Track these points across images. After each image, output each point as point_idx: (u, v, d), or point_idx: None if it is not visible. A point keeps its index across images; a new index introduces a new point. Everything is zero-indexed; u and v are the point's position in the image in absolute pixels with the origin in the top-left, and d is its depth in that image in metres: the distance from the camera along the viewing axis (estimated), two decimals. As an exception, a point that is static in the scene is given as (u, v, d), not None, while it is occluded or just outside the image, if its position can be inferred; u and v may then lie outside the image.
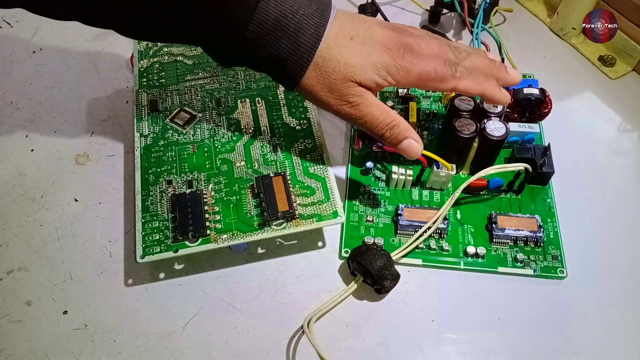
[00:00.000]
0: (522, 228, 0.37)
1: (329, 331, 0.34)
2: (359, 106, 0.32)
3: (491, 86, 0.33)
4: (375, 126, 0.32)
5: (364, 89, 0.31)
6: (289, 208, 0.34)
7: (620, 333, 0.35)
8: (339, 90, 0.31)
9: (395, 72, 0.31)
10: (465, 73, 0.32)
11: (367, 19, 0.32)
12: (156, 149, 0.37)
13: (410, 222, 0.37)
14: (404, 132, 0.33)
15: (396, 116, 0.32)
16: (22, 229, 0.38)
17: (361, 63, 0.31)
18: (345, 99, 0.31)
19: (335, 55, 0.30)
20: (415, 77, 0.32)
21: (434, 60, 0.32)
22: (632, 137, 0.44)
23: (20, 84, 0.46)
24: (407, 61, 0.31)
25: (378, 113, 0.32)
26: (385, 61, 0.31)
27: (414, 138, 0.33)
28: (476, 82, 0.33)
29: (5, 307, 0.35)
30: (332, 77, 0.31)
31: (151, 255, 0.33)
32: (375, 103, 0.32)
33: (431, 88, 0.33)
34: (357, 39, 0.31)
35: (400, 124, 0.32)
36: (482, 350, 0.34)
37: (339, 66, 0.30)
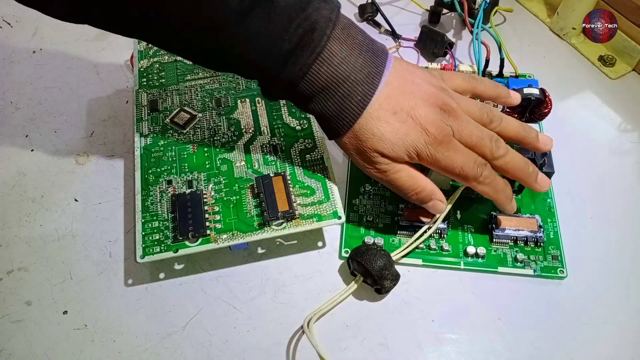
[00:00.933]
0: (522, 228, 0.37)
1: (329, 331, 0.34)
2: (386, 172, 0.33)
3: (503, 196, 0.35)
4: (402, 190, 0.34)
5: (393, 161, 0.33)
6: (289, 208, 0.34)
7: (620, 333, 0.35)
8: (368, 157, 0.33)
9: (424, 156, 0.32)
10: (488, 179, 0.33)
11: (416, 89, 0.33)
12: (156, 149, 0.37)
13: (411, 222, 0.37)
14: (429, 196, 0.34)
15: (422, 181, 0.34)
16: (22, 229, 0.38)
17: (394, 142, 0.32)
18: (373, 166, 0.33)
19: (372, 127, 0.32)
20: (441, 168, 0.33)
21: (465, 157, 0.33)
22: (632, 137, 0.44)
23: (20, 84, 0.46)
24: (439, 152, 0.32)
25: (405, 179, 0.33)
26: (418, 145, 0.32)
27: (439, 199, 0.34)
28: (493, 191, 0.34)
29: (5, 307, 0.35)
30: (365, 145, 0.32)
31: (151, 255, 0.33)
32: (402, 169, 0.33)
33: (454, 179, 0.34)
34: (399, 115, 0.32)
35: (425, 188, 0.34)
36: (482, 350, 0.34)
37: (373, 138, 0.32)
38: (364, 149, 0.32)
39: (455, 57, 0.47)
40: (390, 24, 0.50)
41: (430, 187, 0.34)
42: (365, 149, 0.32)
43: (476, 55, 0.45)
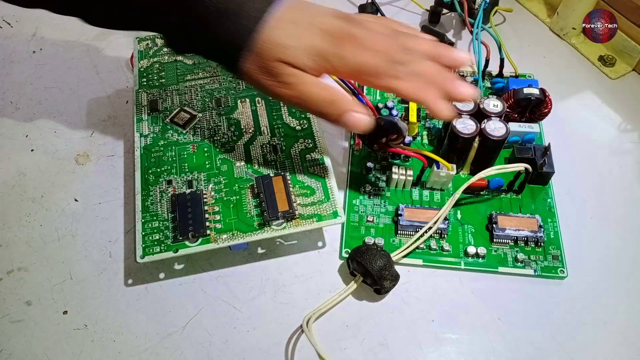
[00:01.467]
0: (522, 228, 0.37)
1: (329, 331, 0.34)
2: (293, 85, 0.31)
3: (432, 96, 0.31)
4: (313, 103, 0.31)
5: (300, 71, 0.30)
6: (289, 208, 0.34)
7: (620, 333, 0.35)
8: (273, 71, 0.30)
9: (331, 58, 0.30)
10: (408, 75, 0.31)
11: (319, 8, 0.32)
12: (156, 149, 0.37)
13: (411, 222, 0.37)
14: (344, 106, 0.31)
15: (337, 91, 0.31)
16: (22, 229, 0.38)
17: (295, 46, 0.30)
18: (279, 79, 0.30)
19: (272, 38, 0.30)
20: (351, 68, 0.31)
21: (377, 54, 0.31)
22: (632, 137, 0.44)
23: (20, 84, 0.46)
24: (346, 50, 0.30)
25: (315, 90, 0.31)
26: (322, 47, 0.30)
27: (357, 110, 0.31)
28: (417, 87, 0.31)
29: (5, 307, 0.35)
30: (267, 58, 0.30)
31: (151, 255, 0.33)
32: (311, 81, 0.31)
33: (368, 83, 0.32)
34: (299, 23, 0.30)
35: (341, 98, 0.31)
36: (482, 350, 0.34)
37: (273, 48, 0.30)
38: (267, 63, 0.30)
39: (455, 57, 0.47)
40: (390, 24, 0.50)
41: (348, 98, 0.31)
42: (269, 62, 0.30)
43: (476, 55, 0.45)
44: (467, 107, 0.38)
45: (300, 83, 0.31)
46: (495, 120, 0.38)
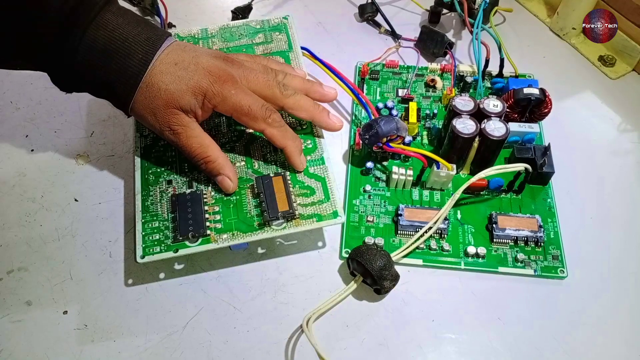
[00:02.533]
0: (522, 228, 0.37)
1: (329, 331, 0.34)
2: (179, 135, 0.33)
3: (294, 146, 0.35)
4: (192, 157, 0.34)
5: (188, 119, 0.33)
6: (289, 208, 0.34)
7: (620, 333, 0.35)
8: (162, 117, 0.33)
9: (212, 96, 0.33)
10: (277, 122, 0.34)
11: (199, 49, 0.34)
12: (156, 149, 0.37)
13: (411, 222, 0.37)
14: (217, 169, 0.34)
15: (214, 152, 0.34)
16: (22, 229, 0.38)
17: (180, 89, 0.32)
18: (167, 126, 0.33)
19: (157, 82, 0.32)
20: (230, 107, 0.33)
21: (253, 97, 0.34)
22: (632, 137, 0.44)
23: (20, 84, 0.46)
24: (225, 89, 0.33)
25: (196, 146, 0.34)
26: (203, 85, 0.32)
27: (228, 175, 0.34)
28: (282, 137, 0.35)
29: (5, 307, 0.35)
30: (156, 103, 0.32)
31: (151, 255, 0.33)
32: (195, 135, 0.33)
33: (244, 123, 0.34)
34: (180, 65, 0.33)
35: (216, 160, 0.34)
36: (482, 350, 0.34)
37: (160, 92, 0.32)
38: (156, 107, 0.32)
39: (455, 57, 0.47)
40: (390, 24, 0.50)
41: (222, 161, 0.34)
42: (158, 106, 0.32)
43: (476, 55, 0.45)
44: (467, 107, 0.38)
45: (185, 135, 0.33)
46: (495, 120, 0.38)
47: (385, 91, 0.45)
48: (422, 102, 0.45)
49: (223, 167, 0.34)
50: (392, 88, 0.46)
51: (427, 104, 0.45)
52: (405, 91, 0.45)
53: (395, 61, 0.47)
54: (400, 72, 0.47)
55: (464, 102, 0.39)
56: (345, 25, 0.52)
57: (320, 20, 0.52)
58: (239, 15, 0.51)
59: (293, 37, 0.43)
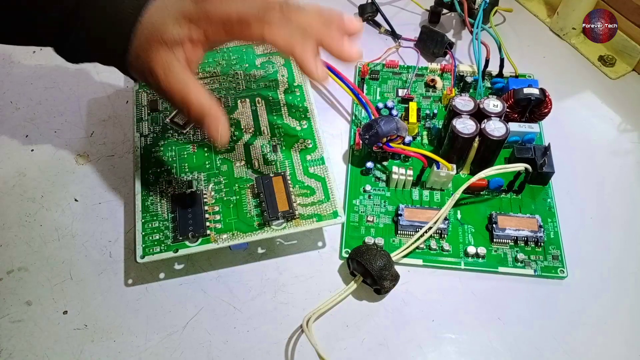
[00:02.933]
0: (522, 228, 0.37)
1: (329, 331, 0.34)
2: (158, 76, 0.28)
3: (304, 48, 0.28)
4: (173, 103, 0.29)
5: (171, 57, 0.28)
6: (289, 208, 0.34)
7: (620, 333, 0.35)
8: (144, 57, 0.28)
9: (197, 19, 0.28)
10: (280, 21, 0.28)
11: None
12: (156, 149, 0.37)
13: (411, 222, 0.37)
14: (201, 114, 0.29)
15: (198, 94, 0.28)
16: (22, 229, 0.38)
17: (162, 18, 0.28)
18: (148, 68, 0.28)
19: (146, 23, 0.28)
20: (217, 21, 0.28)
21: (242, 3, 0.28)
22: (632, 137, 0.44)
23: (20, 84, 0.46)
24: (209, 4, 0.28)
25: (176, 88, 0.28)
26: (186, 8, 0.28)
27: (216, 124, 0.29)
28: (288, 36, 0.28)
29: (5, 307, 0.35)
30: (139, 42, 0.28)
31: (151, 255, 0.33)
32: (176, 74, 0.28)
33: (238, 37, 0.29)
34: (167, 2, 0.28)
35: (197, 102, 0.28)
36: (482, 350, 0.34)
37: (143, 29, 0.28)
38: (138, 49, 0.28)
39: (455, 57, 0.47)
40: (390, 24, 0.50)
41: (206, 103, 0.28)
42: (140, 46, 0.28)
43: (476, 55, 0.45)
44: (467, 107, 0.38)
45: (163, 75, 0.28)
46: (495, 120, 0.38)
47: (385, 91, 0.45)
48: (422, 102, 0.45)
49: (209, 112, 0.29)
50: (392, 88, 0.46)
51: (427, 104, 0.45)
52: (405, 91, 0.45)
53: (395, 61, 0.47)
54: (400, 72, 0.47)
55: (464, 102, 0.39)
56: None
57: (320, 20, 0.52)
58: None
59: (293, 37, 0.43)
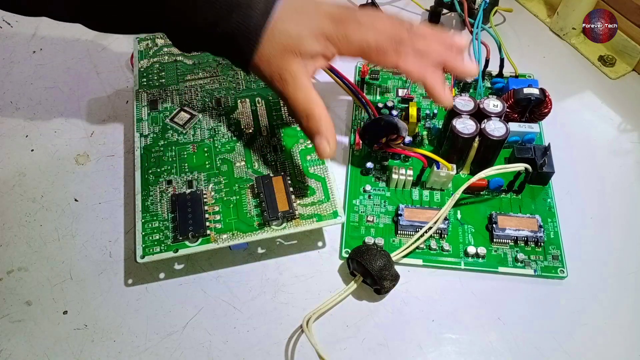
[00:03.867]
0: (522, 228, 0.37)
1: (329, 331, 0.34)
2: (287, 83, 0.31)
3: (435, 77, 0.33)
4: (295, 110, 0.32)
5: (301, 69, 0.31)
6: (289, 208, 0.34)
7: (620, 333, 0.35)
8: (276, 63, 0.31)
9: (335, 39, 0.31)
10: (410, 53, 0.32)
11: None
12: (156, 149, 0.37)
13: (411, 222, 0.37)
14: (317, 128, 0.31)
15: (319, 109, 0.31)
16: (22, 229, 0.38)
17: (300, 33, 0.31)
18: (278, 73, 0.31)
19: (278, 29, 0.30)
20: (356, 47, 0.31)
21: (379, 32, 0.32)
22: (632, 137, 0.44)
23: (20, 84, 0.46)
24: (349, 29, 0.31)
25: (302, 98, 0.31)
26: (325, 28, 0.31)
27: (327, 138, 0.31)
28: (420, 65, 0.32)
29: (5, 307, 0.35)
30: (273, 49, 0.30)
31: (151, 255, 0.33)
32: (304, 87, 0.31)
33: (374, 62, 0.33)
34: (301, 10, 0.31)
35: (319, 118, 0.31)
36: (482, 350, 0.34)
37: (280, 38, 0.30)
38: (271, 56, 0.31)
39: (455, 57, 0.47)
40: (390, 24, 0.50)
41: (324, 121, 0.31)
42: (273, 53, 0.31)
43: (476, 55, 0.45)
44: (467, 107, 0.38)
45: (293, 84, 0.31)
46: (495, 120, 0.38)
47: (385, 91, 0.45)
48: (422, 102, 0.45)
49: (325, 127, 0.31)
50: (392, 88, 0.46)
51: (427, 104, 0.45)
52: (405, 91, 0.45)
53: (395, 61, 0.47)
54: (401, 72, 0.47)
55: (464, 102, 0.39)
56: (345, 25, 0.52)
57: (320, 20, 0.52)
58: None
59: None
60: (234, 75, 0.42)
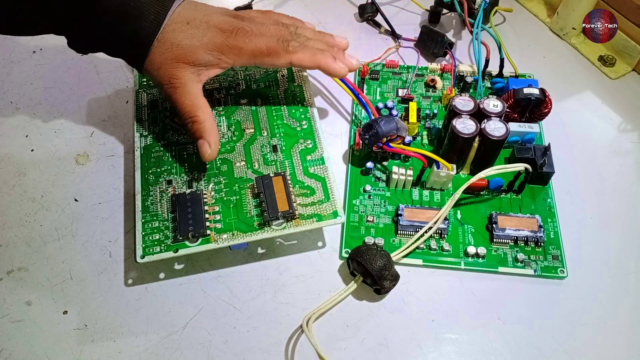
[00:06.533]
0: (522, 228, 0.37)
1: (329, 331, 0.34)
2: (176, 89, 0.34)
3: (324, 57, 0.36)
4: (181, 115, 0.35)
5: (190, 76, 0.34)
6: (289, 208, 0.34)
7: (620, 333, 0.35)
8: (166, 70, 0.34)
9: (227, 51, 0.34)
10: (298, 47, 0.35)
11: (208, 7, 0.36)
12: (156, 149, 0.37)
13: (411, 222, 0.37)
14: (201, 132, 0.34)
15: (204, 114, 0.34)
16: (22, 229, 0.38)
17: (193, 45, 0.33)
18: (168, 79, 0.34)
19: (170, 39, 0.33)
20: (249, 54, 0.35)
21: (267, 38, 0.35)
22: (632, 137, 0.44)
23: (20, 84, 0.46)
24: (239, 41, 0.34)
25: (188, 103, 0.34)
26: (217, 42, 0.34)
27: (209, 142, 0.34)
28: (310, 54, 0.36)
29: (5, 307, 0.35)
30: (165, 57, 0.33)
31: (151, 255, 0.33)
32: (192, 93, 0.34)
33: (268, 65, 0.36)
34: (192, 23, 0.34)
35: (202, 122, 0.34)
36: (482, 350, 0.34)
37: (172, 48, 0.33)
38: (164, 62, 0.33)
39: (455, 57, 0.47)
40: (390, 24, 0.50)
41: (209, 126, 0.34)
42: (166, 61, 0.33)
43: (476, 55, 0.45)
44: (467, 107, 0.38)
45: (181, 91, 0.34)
46: (495, 120, 0.38)
47: (385, 91, 0.45)
48: (422, 102, 0.45)
49: (208, 131, 0.34)
50: (392, 88, 0.46)
51: (427, 104, 0.45)
52: (405, 91, 0.45)
53: (395, 61, 0.47)
54: (400, 72, 0.47)
55: (464, 102, 0.39)
56: (345, 25, 0.52)
57: (320, 20, 0.52)
58: (239, 15, 0.51)
59: (293, 37, 0.43)
60: (234, 76, 0.42)
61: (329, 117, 0.45)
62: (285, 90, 0.41)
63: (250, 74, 0.42)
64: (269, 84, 0.41)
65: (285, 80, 0.42)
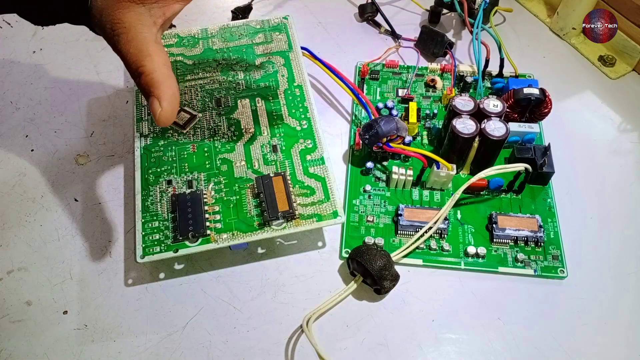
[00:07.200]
0: (522, 228, 0.37)
1: (329, 331, 0.34)
2: (119, 37, 0.27)
3: None
4: (127, 67, 0.27)
5: (139, 19, 0.27)
6: (289, 208, 0.34)
7: (620, 333, 0.35)
8: (109, 16, 0.27)
9: None
10: None
11: None
12: (156, 149, 0.37)
13: (411, 222, 0.37)
14: (150, 86, 0.26)
15: (152, 63, 0.27)
16: (22, 229, 0.38)
17: None
18: (111, 27, 0.27)
19: None
20: None
21: None
22: (632, 137, 0.44)
23: (20, 84, 0.46)
24: None
25: (132, 52, 0.26)
26: None
27: (159, 98, 0.26)
28: None
29: (5, 307, 0.35)
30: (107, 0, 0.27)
31: (151, 255, 0.33)
32: (138, 39, 0.27)
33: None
34: None
35: (150, 73, 0.26)
36: (482, 350, 0.34)
37: None
38: (107, 6, 0.27)
39: (455, 57, 0.47)
40: (390, 24, 0.50)
41: (157, 77, 0.26)
42: (110, 3, 0.27)
43: (476, 55, 0.45)
44: (467, 107, 0.38)
45: (125, 36, 0.27)
46: (495, 120, 0.38)
47: (385, 91, 0.45)
48: (422, 102, 0.45)
49: (157, 84, 0.26)
50: (392, 88, 0.46)
51: (427, 104, 0.45)
52: (405, 91, 0.45)
53: (395, 61, 0.47)
54: (400, 72, 0.47)
55: (464, 102, 0.39)
56: (345, 25, 0.52)
57: (320, 20, 0.52)
58: (239, 15, 0.51)
59: (293, 37, 0.43)
60: (233, 76, 0.42)
61: (329, 117, 0.45)
62: (285, 90, 0.41)
63: (250, 74, 0.42)
64: (269, 84, 0.41)
65: (285, 80, 0.42)
